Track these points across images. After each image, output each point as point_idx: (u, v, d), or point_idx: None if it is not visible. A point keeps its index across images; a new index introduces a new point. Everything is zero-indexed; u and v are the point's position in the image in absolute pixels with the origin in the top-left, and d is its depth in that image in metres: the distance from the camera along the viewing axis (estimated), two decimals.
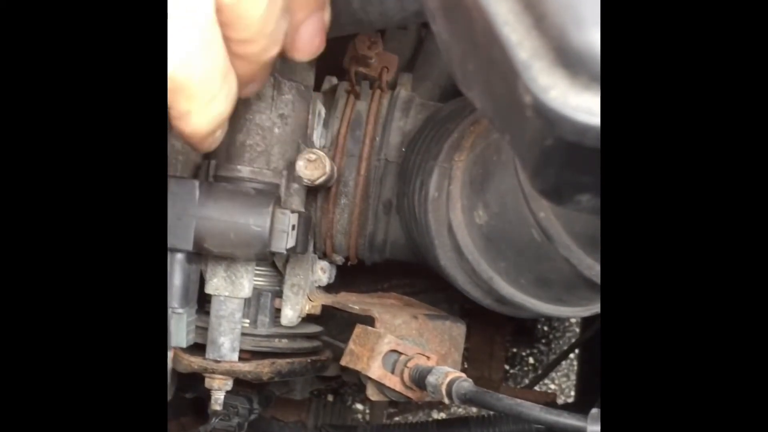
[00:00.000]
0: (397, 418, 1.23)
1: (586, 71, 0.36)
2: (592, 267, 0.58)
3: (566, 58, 0.36)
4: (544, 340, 1.46)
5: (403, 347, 0.74)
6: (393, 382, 0.74)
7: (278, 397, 1.06)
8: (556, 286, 0.63)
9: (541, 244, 0.59)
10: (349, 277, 0.92)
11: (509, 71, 0.38)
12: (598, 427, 0.60)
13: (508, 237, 0.62)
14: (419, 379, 0.72)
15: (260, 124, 0.74)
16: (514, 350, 1.44)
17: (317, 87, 0.83)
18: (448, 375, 0.70)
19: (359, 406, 1.31)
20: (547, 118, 0.37)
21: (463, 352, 1.24)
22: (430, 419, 1.14)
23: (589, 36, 0.36)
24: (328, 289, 0.87)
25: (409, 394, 0.75)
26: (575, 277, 0.59)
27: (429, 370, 0.71)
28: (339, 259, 0.85)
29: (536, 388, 1.45)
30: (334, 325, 0.91)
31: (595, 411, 0.61)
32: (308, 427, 1.09)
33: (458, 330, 0.80)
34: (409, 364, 0.74)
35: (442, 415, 1.36)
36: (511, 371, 1.46)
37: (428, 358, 0.74)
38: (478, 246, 0.66)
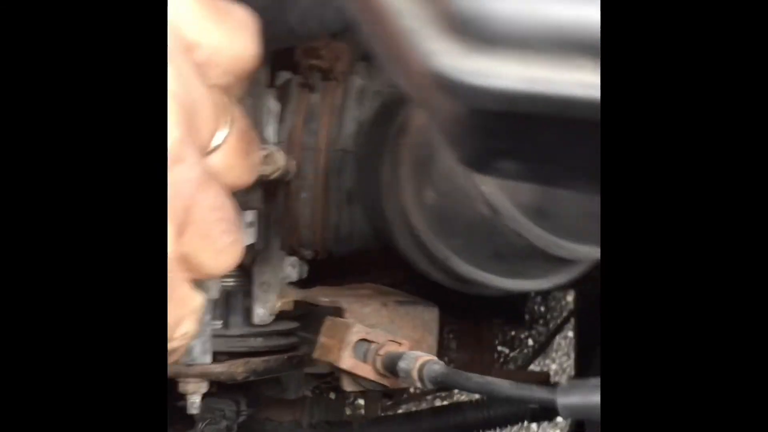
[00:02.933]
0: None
1: (475, 33, 0.36)
2: (541, 237, 0.57)
3: (454, 22, 0.36)
4: (542, 321, 1.45)
5: (373, 335, 0.74)
6: (365, 371, 0.73)
7: (272, 397, 1.06)
8: (511, 259, 0.63)
9: (490, 219, 0.58)
10: (328, 271, 0.92)
11: (403, 41, 0.38)
12: (567, 399, 0.60)
13: (458, 215, 0.62)
14: (391, 366, 0.71)
15: None
16: (513, 333, 1.43)
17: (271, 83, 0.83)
18: (419, 359, 0.69)
19: (362, 401, 1.30)
20: (442, 84, 0.37)
21: (453, 335, 1.23)
22: (425, 407, 1.14)
23: None
24: (304, 284, 0.87)
25: (384, 381, 0.74)
26: (527, 248, 0.59)
27: (400, 356, 0.71)
28: (307, 253, 0.84)
29: (537, 368, 1.45)
30: (313, 320, 0.91)
31: (564, 383, 0.61)
32: (303, 426, 1.09)
33: (430, 314, 0.80)
34: (381, 352, 0.73)
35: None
36: (512, 354, 1.45)
37: (400, 344, 0.74)
38: (431, 227, 0.66)
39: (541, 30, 0.35)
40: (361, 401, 1.31)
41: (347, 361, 0.73)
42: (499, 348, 1.40)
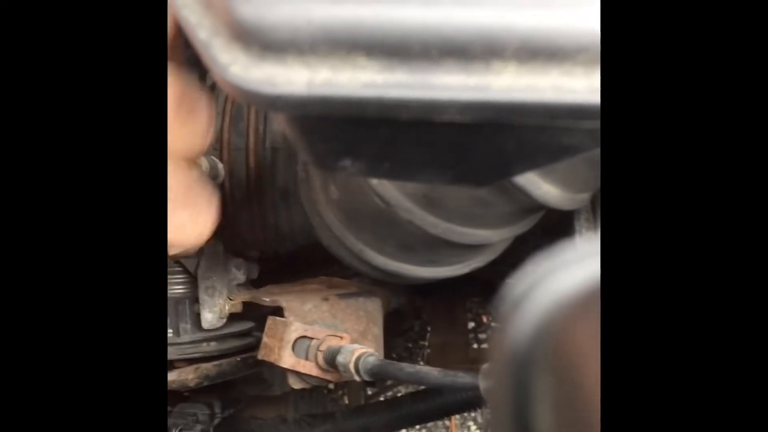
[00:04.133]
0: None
1: (257, 42, 0.35)
2: (436, 225, 0.57)
3: (238, 32, 0.35)
4: None
5: (312, 332, 0.74)
6: (307, 368, 0.73)
7: (256, 395, 1.07)
8: (418, 248, 0.62)
9: (387, 211, 0.58)
10: (281, 269, 0.92)
11: (203, 54, 0.37)
12: (488, 383, 0.59)
13: (359, 208, 0.61)
14: (332, 361, 0.71)
15: None
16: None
17: None
18: (355, 352, 0.69)
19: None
20: (239, 94, 0.36)
21: (426, 320, 1.23)
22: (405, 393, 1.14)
23: (252, 6, 0.35)
24: (257, 284, 0.87)
25: (327, 376, 0.74)
26: (427, 237, 0.58)
27: (338, 350, 0.71)
28: (253, 253, 0.84)
29: None
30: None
31: (485, 367, 0.60)
32: (288, 421, 1.09)
33: (373, 305, 0.79)
34: (321, 348, 0.73)
35: None
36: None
37: (341, 338, 0.74)
38: (341, 221, 0.65)
39: (320, 33, 0.34)
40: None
41: (288, 359, 0.74)
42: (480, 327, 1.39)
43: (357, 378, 0.69)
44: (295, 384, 0.76)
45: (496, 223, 0.59)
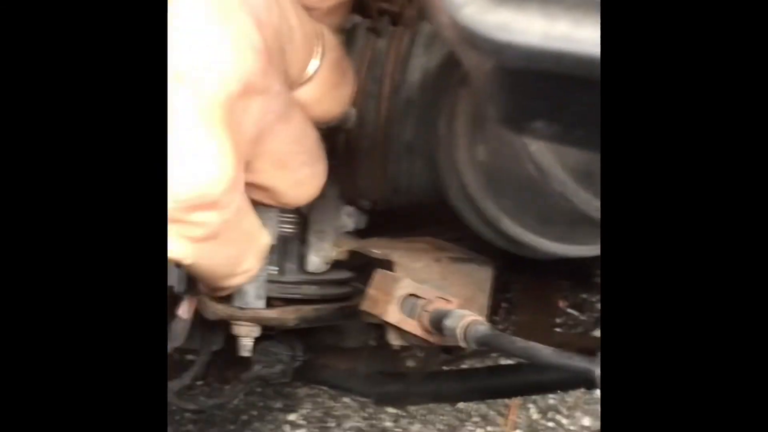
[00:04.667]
0: None
1: None
2: (589, 202, 0.55)
3: None
4: None
5: (421, 291, 0.73)
6: (411, 327, 0.72)
7: (331, 344, 1.07)
8: (558, 223, 0.60)
9: (538, 180, 0.56)
10: (389, 222, 0.91)
11: None
12: None
13: (508, 174, 0.60)
14: (437, 323, 0.70)
15: None
16: (584, 296, 1.40)
17: None
18: (465, 318, 0.68)
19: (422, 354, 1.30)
20: (466, 37, 0.35)
21: (517, 294, 1.21)
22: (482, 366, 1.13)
23: None
24: (361, 234, 0.86)
25: (429, 338, 0.73)
26: (574, 213, 0.56)
27: (447, 314, 0.69)
28: (366, 204, 0.83)
29: None
30: (368, 272, 0.90)
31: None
32: (359, 375, 1.09)
33: (484, 273, 0.78)
34: (428, 308, 0.72)
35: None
36: (581, 317, 1.42)
37: (449, 301, 0.73)
38: (481, 185, 0.64)
39: None
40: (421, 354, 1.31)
41: (394, 315, 0.73)
42: (569, 310, 1.37)
43: (463, 344, 0.68)
44: (395, 340, 0.75)
45: None
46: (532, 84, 0.38)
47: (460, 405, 1.42)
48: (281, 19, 0.50)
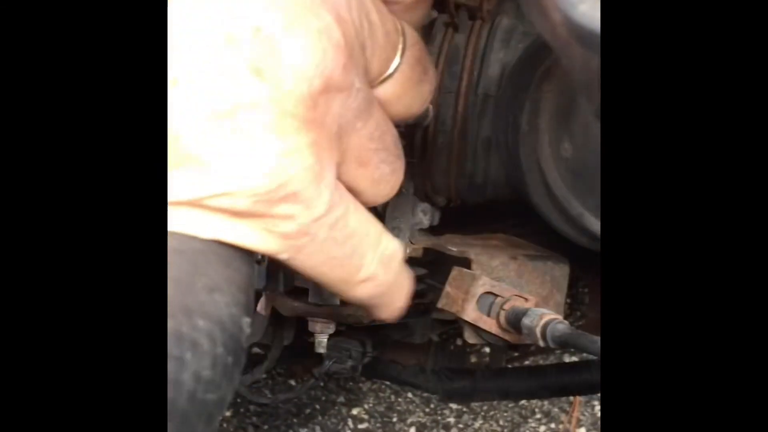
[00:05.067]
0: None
1: None
2: None
3: None
4: None
5: (499, 289, 0.72)
6: (488, 325, 0.72)
7: (398, 341, 1.07)
8: None
9: None
10: (460, 218, 0.90)
11: None
12: None
13: (594, 170, 0.59)
14: (515, 322, 0.70)
15: None
16: None
17: None
18: (543, 317, 0.67)
19: (488, 350, 1.30)
20: (578, 35, 0.34)
21: (584, 293, 1.20)
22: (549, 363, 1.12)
23: None
24: (434, 231, 0.86)
25: (506, 336, 0.73)
26: None
27: (524, 312, 0.69)
28: (440, 200, 0.83)
29: None
30: (441, 269, 0.90)
31: None
32: (427, 371, 1.09)
33: (561, 271, 0.77)
34: (506, 307, 0.71)
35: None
36: None
37: (526, 300, 0.72)
38: (566, 181, 0.63)
39: None
40: (487, 350, 1.30)
41: (471, 313, 0.72)
42: None
43: (541, 343, 0.67)
44: (471, 338, 0.75)
45: None
46: None
47: (523, 402, 1.42)
48: (362, 15, 0.49)
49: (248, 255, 0.48)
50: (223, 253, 0.46)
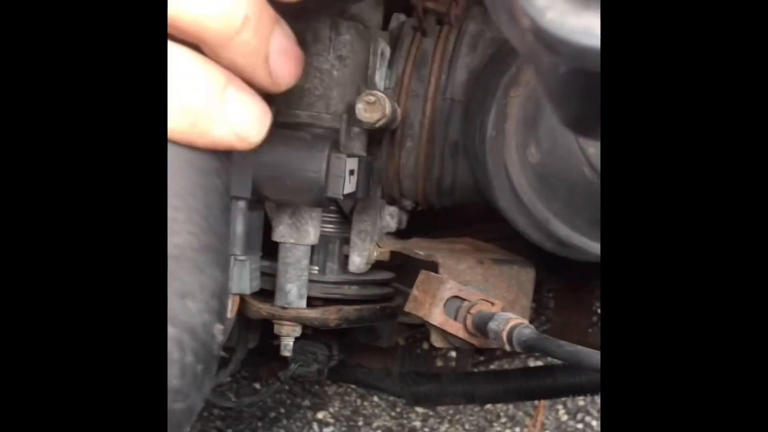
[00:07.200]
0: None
1: None
2: None
3: None
4: None
5: (465, 293, 0.72)
6: (455, 329, 0.72)
7: (364, 344, 1.07)
8: None
9: (592, 182, 0.56)
10: (428, 223, 0.91)
11: None
12: None
13: (560, 175, 0.59)
14: (481, 326, 0.70)
15: (318, 67, 0.72)
16: None
17: (386, 26, 0.81)
18: (510, 321, 0.67)
19: (453, 354, 1.30)
20: (546, 42, 0.34)
21: (549, 297, 1.21)
22: (515, 368, 1.12)
23: None
24: (402, 235, 0.86)
25: (473, 340, 0.73)
26: None
27: (491, 316, 0.69)
28: (408, 204, 0.83)
29: None
30: (409, 272, 0.90)
31: None
32: (393, 374, 1.09)
33: (527, 275, 0.77)
34: (472, 311, 0.72)
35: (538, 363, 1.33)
36: None
37: (492, 304, 0.72)
38: (532, 186, 0.63)
39: None
40: (453, 354, 1.31)
41: (438, 317, 0.72)
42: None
43: (508, 347, 0.67)
44: (437, 342, 0.75)
45: None
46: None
47: (488, 406, 1.42)
48: None
49: (224, 253, 0.47)
50: (198, 258, 0.45)
